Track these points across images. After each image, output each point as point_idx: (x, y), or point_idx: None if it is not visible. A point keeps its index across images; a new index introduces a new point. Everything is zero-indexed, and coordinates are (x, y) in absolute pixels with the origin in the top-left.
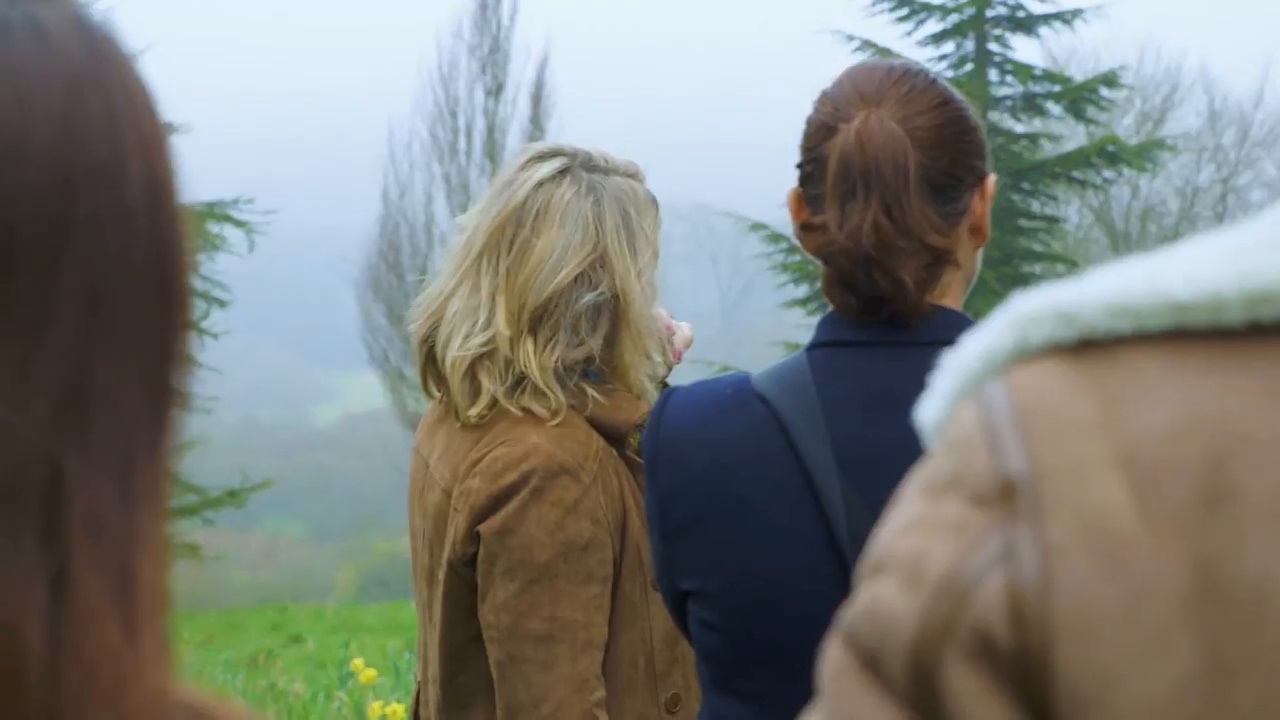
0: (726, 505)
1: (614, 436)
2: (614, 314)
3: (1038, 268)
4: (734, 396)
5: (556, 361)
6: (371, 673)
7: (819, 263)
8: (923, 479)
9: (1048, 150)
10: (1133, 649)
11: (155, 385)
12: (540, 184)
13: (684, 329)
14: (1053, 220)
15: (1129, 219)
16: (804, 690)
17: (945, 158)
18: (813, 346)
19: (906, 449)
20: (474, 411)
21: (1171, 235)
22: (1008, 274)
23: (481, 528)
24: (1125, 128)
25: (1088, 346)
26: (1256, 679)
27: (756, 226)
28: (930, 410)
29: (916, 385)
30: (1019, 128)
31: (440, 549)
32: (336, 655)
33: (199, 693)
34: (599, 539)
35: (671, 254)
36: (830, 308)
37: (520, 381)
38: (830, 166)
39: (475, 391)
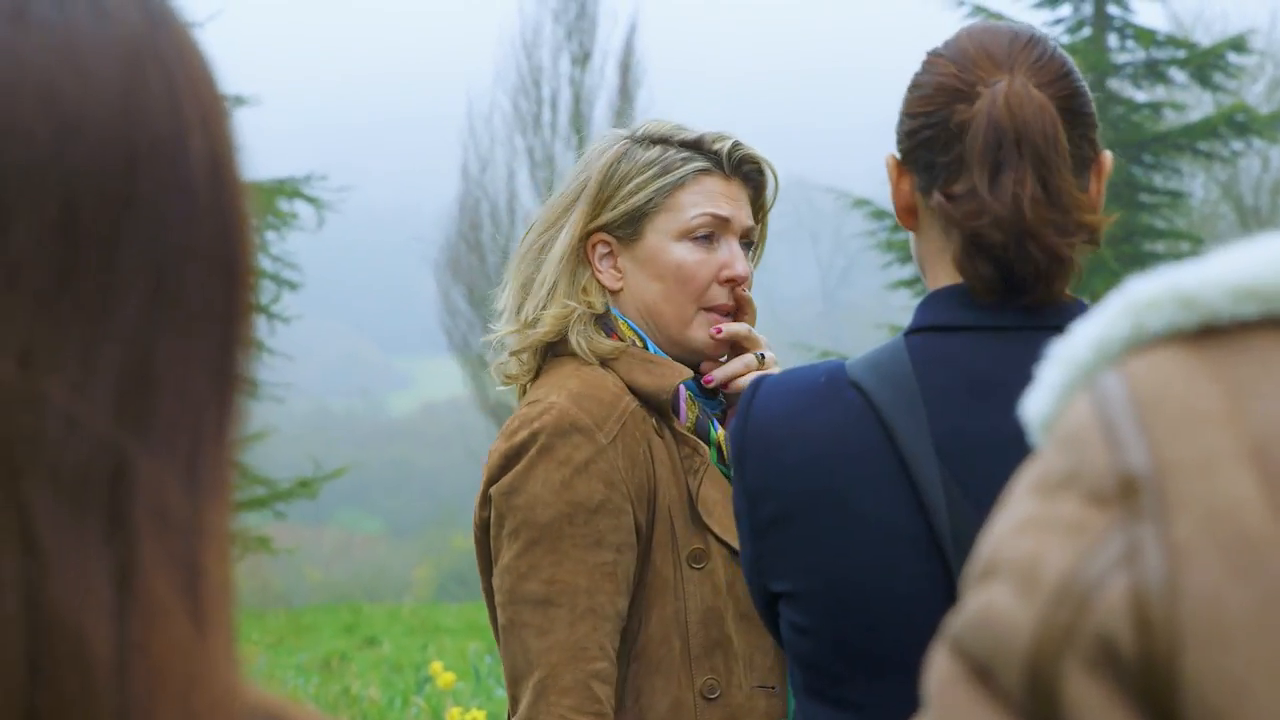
0: (819, 501)
1: (654, 404)
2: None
3: (1160, 245)
4: (828, 385)
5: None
6: (450, 677)
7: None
8: (1035, 476)
9: (1171, 120)
10: (1268, 656)
11: (221, 370)
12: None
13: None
14: (1177, 195)
15: (1259, 193)
16: (904, 697)
17: (1075, 131)
18: (911, 331)
19: (1012, 441)
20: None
21: None
22: (1127, 252)
23: (493, 489)
24: (1255, 95)
25: (1210, 333)
26: None
27: (859, 203)
28: (1037, 404)
29: (1023, 373)
30: (1140, 96)
31: None
32: (414, 658)
33: (270, 695)
34: (613, 503)
35: (770, 232)
36: (930, 290)
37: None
38: (975, 132)
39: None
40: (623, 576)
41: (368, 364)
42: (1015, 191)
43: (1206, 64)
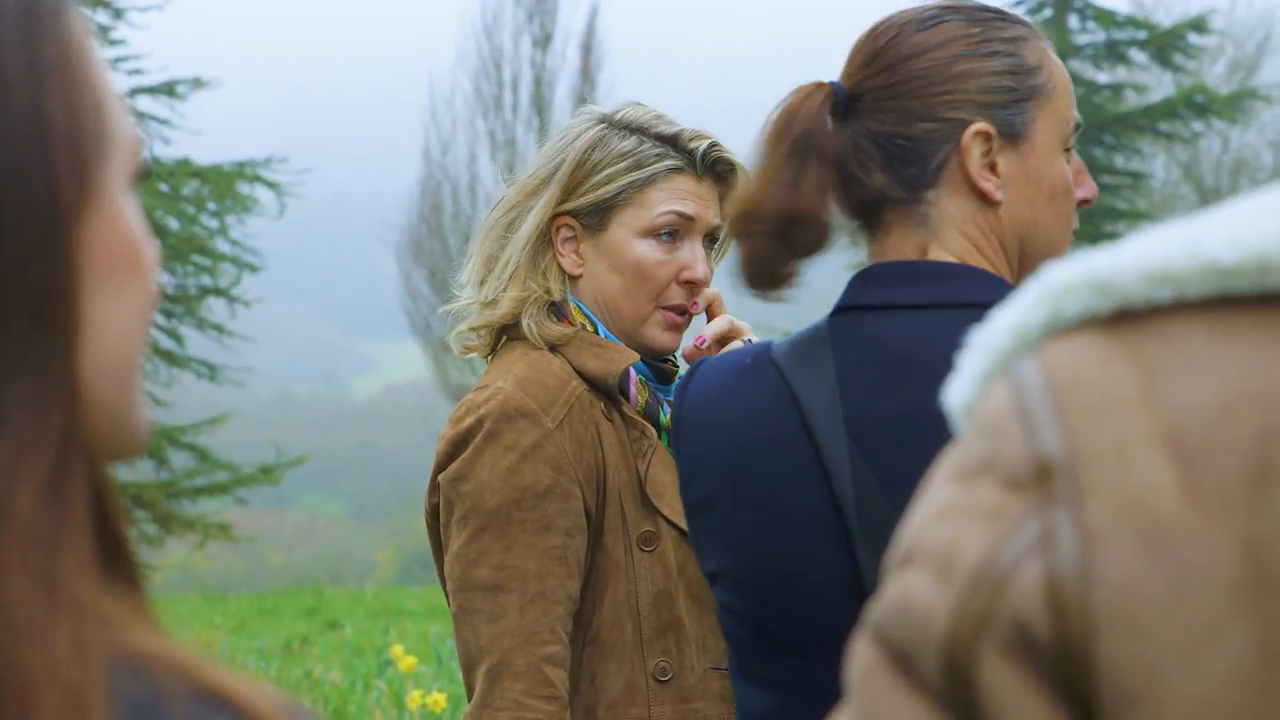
0: (739, 483)
1: (600, 386)
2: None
3: (1121, 226)
4: (752, 366)
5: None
6: (412, 660)
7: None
8: (953, 463)
9: (1132, 101)
10: (1180, 639)
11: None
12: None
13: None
14: (1137, 176)
15: (1219, 174)
16: (826, 681)
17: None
18: (836, 311)
19: (924, 421)
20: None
21: None
22: (1089, 233)
23: (441, 477)
24: (1215, 76)
25: (1125, 318)
26: None
27: None
28: (958, 391)
29: (938, 351)
30: (1101, 77)
31: None
32: (375, 642)
33: (156, 642)
34: (561, 487)
35: None
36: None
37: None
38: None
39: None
40: (573, 560)
41: (330, 347)
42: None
43: (1167, 45)
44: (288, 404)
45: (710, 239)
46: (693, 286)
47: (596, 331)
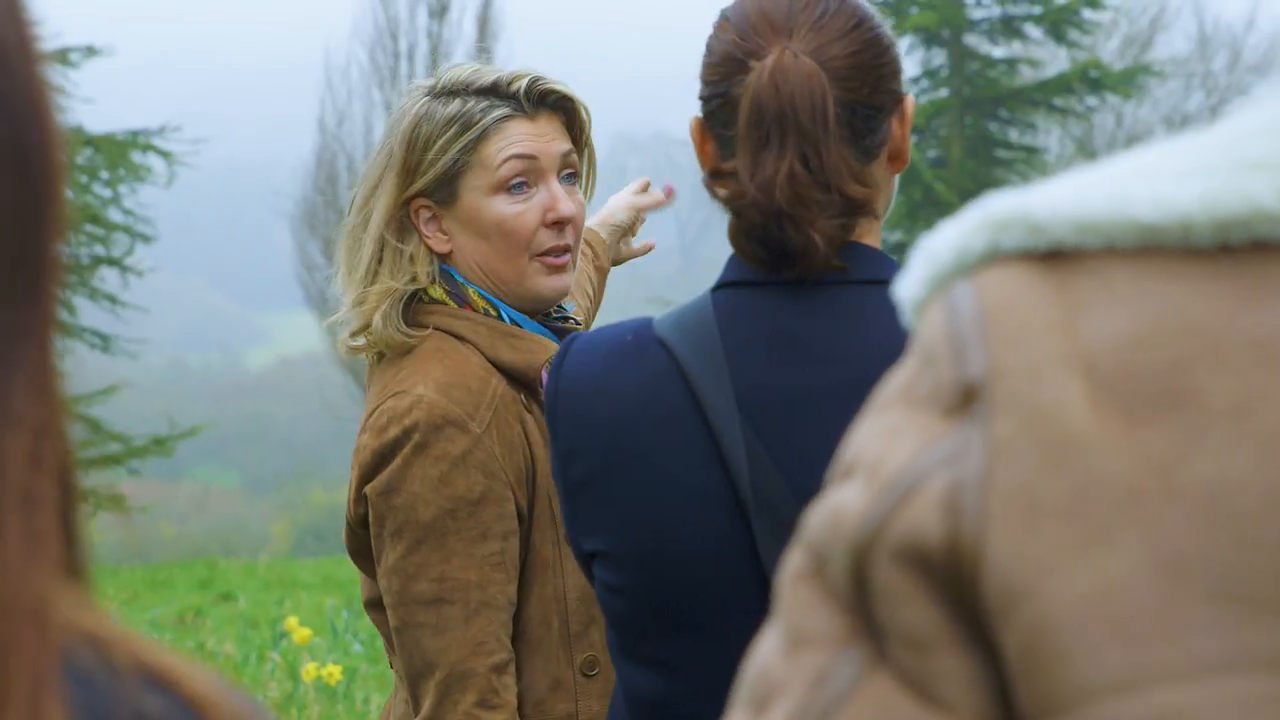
0: (627, 460)
1: (521, 380)
2: None
3: None
4: (635, 343)
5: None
6: (306, 632)
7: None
8: (895, 386)
9: (1026, 76)
10: (1073, 539)
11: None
12: None
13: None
14: (1032, 150)
15: (1113, 149)
16: (712, 656)
17: (864, 87)
18: (717, 286)
19: (813, 396)
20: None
21: None
22: None
23: (368, 489)
24: (1109, 52)
25: (1058, 255)
26: (1211, 575)
27: None
28: (906, 290)
29: (824, 327)
30: (996, 52)
31: None
32: (270, 614)
33: (106, 623)
34: (495, 492)
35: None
36: None
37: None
38: (742, 109)
39: None
40: (510, 563)
41: (224, 318)
42: (772, 174)
43: (1061, 20)
44: (181, 375)
45: (570, 172)
46: (561, 225)
47: (500, 316)
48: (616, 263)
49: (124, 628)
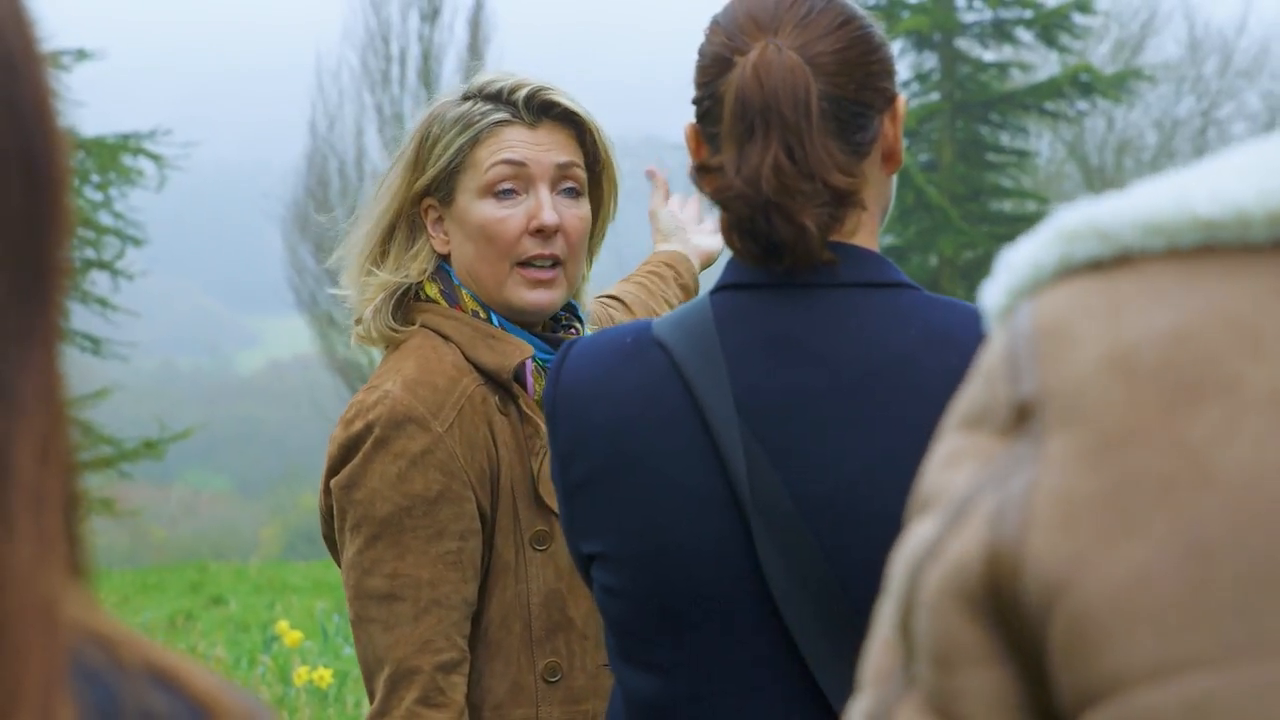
0: (625, 462)
1: (498, 381)
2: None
3: (1006, 204)
4: (634, 345)
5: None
6: (297, 636)
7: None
8: (959, 412)
9: (1018, 80)
10: (1108, 531)
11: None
12: None
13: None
14: (1023, 154)
15: (1104, 153)
16: (709, 659)
17: (851, 83)
18: (716, 289)
19: (809, 397)
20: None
21: (1149, 170)
22: (974, 211)
23: (332, 482)
24: (1100, 56)
25: (1124, 262)
26: (1241, 561)
27: None
28: (991, 299)
29: (822, 329)
30: (987, 56)
31: None
32: (260, 617)
33: (116, 625)
34: (453, 491)
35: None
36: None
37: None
38: (727, 103)
39: None
40: (468, 563)
41: (215, 321)
42: (757, 165)
43: (1052, 24)
44: (172, 378)
45: (571, 187)
46: (545, 234)
47: (489, 319)
48: (707, 265)
49: (128, 628)
